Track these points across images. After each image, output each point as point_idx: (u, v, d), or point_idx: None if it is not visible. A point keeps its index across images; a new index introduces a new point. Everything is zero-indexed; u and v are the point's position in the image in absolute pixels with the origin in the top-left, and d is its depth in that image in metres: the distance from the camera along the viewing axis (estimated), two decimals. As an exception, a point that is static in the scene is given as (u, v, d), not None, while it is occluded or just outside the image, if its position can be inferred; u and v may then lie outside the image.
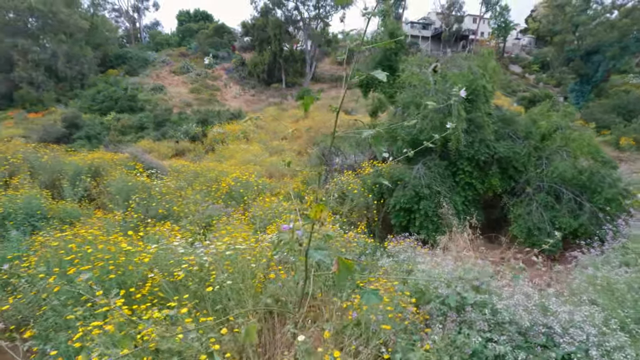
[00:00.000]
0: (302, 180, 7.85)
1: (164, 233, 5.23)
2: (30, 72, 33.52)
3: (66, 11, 35.81)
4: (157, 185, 6.41)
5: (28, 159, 7.91)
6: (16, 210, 5.68)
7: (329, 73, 50.41)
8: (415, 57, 8.63)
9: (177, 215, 6.46)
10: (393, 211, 6.19)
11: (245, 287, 3.20)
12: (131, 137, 23.10)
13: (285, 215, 6.03)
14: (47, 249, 3.68)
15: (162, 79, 44.22)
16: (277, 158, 15.89)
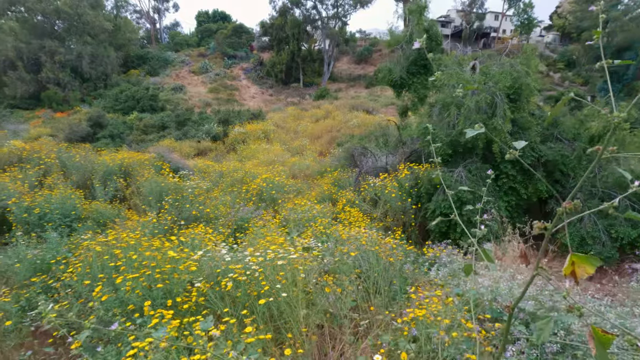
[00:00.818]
0: (333, 181, 7.65)
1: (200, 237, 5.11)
2: (57, 73, 34.48)
3: (91, 13, 36.68)
4: (190, 187, 6.32)
5: (61, 158, 7.97)
6: (52, 211, 5.67)
7: (346, 72, 50.06)
8: (450, 56, 8.29)
9: (207, 216, 6.34)
10: (432, 216, 5.91)
11: (297, 299, 3.01)
12: (153, 136, 23.38)
13: (320, 220, 5.83)
14: (90, 253, 3.58)
15: (181, 78, 44.82)
16: (300, 158, 15.74)
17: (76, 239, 4.62)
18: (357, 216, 6.25)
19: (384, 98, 28.08)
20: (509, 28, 57.91)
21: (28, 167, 6.85)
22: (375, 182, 7.34)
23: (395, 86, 7.77)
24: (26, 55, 33.70)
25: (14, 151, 7.67)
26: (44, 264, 4.29)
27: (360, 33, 62.34)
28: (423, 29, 7.51)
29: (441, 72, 7.12)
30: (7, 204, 5.73)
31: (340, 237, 5.15)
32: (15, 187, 6.07)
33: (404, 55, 7.70)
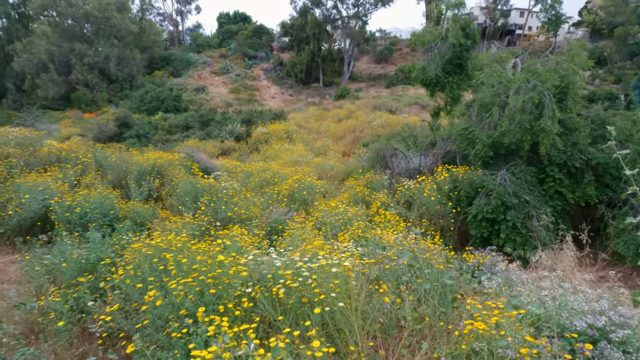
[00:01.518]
0: (365, 183, 7.50)
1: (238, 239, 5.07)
2: (86, 75, 35.65)
3: (118, 16, 37.76)
4: (224, 188, 6.31)
5: (97, 158, 8.13)
6: (92, 210, 5.76)
7: (366, 72, 49.67)
8: (487, 54, 7.99)
9: (240, 217, 6.31)
10: (474, 221, 5.67)
11: (351, 309, 2.88)
12: (178, 136, 23.82)
13: (357, 223, 5.69)
14: (137, 254, 3.56)
15: (203, 79, 45.56)
16: (323, 159, 15.65)
17: (119, 239, 4.64)
18: (392, 219, 6.08)
19: (407, 97, 27.65)
20: (536, 25, 56.03)
21: (68, 166, 7.02)
22: (410, 184, 7.14)
23: (430, 85, 7.53)
24: (57, 57, 34.99)
25: (53, 151, 7.88)
26: (89, 263, 4.33)
27: (380, 32, 61.73)
28: (459, 27, 7.26)
29: (482, 71, 6.85)
30: (50, 203, 5.86)
31: (381, 241, 5.00)
32: (56, 187, 6.22)
33: (439, 53, 7.45)
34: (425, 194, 5.82)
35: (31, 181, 6.13)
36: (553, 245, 5.22)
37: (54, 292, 3.87)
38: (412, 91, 34.90)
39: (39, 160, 7.55)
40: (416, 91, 34.70)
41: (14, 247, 5.63)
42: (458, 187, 6.00)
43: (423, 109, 24.99)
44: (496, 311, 3.21)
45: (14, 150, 7.28)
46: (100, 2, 36.71)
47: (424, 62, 7.69)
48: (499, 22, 53.99)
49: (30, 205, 5.73)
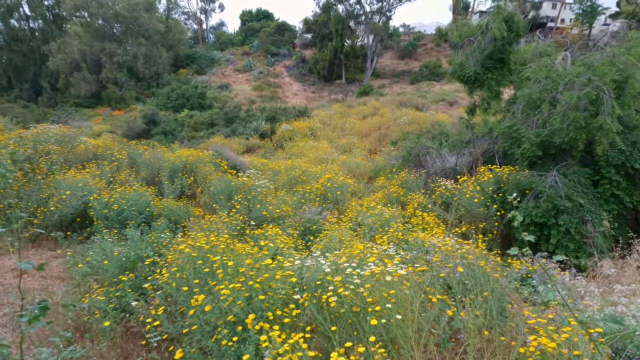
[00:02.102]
0: (400, 183, 7.25)
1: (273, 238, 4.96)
2: (115, 73, 36.78)
3: (146, 16, 38.68)
4: (259, 186, 6.23)
5: (130, 155, 8.25)
6: (129, 207, 5.80)
7: (389, 68, 48.86)
8: (529, 47, 7.52)
9: (272, 216, 6.21)
10: (521, 225, 5.34)
11: (408, 320, 2.69)
12: (203, 133, 24.15)
13: (395, 225, 5.47)
14: (180, 255, 3.50)
15: (227, 77, 46.10)
16: (349, 156, 15.42)
17: (158, 237, 4.62)
18: (431, 222, 5.82)
19: (433, 94, 26.94)
20: (569, 17, 53.42)
21: (104, 163, 7.13)
22: (446, 184, 6.84)
23: (468, 82, 7.16)
24: (89, 57, 36.23)
25: (90, 148, 8.04)
26: (129, 261, 4.32)
27: (403, 27, 60.64)
28: (502, 19, 6.85)
29: (526, 66, 6.45)
30: (88, 199, 5.95)
31: (423, 244, 4.77)
32: (94, 183, 6.31)
33: (479, 48, 7.07)
34: (467, 196, 5.53)
35: (71, 178, 6.25)
36: (611, 253, 4.83)
37: (97, 290, 3.88)
38: (438, 87, 34.04)
39: (77, 156, 7.71)
40: (441, 87, 33.81)
41: (55, 242, 5.75)
42: (502, 189, 5.67)
43: (451, 106, 24.27)
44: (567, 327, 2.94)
45: (54, 147, 7.47)
46: (129, 2, 37.72)
47: (462, 57, 7.32)
48: (530, 14, 51.79)
49: (70, 201, 5.82)
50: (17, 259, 5.07)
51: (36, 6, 39.17)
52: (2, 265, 4.90)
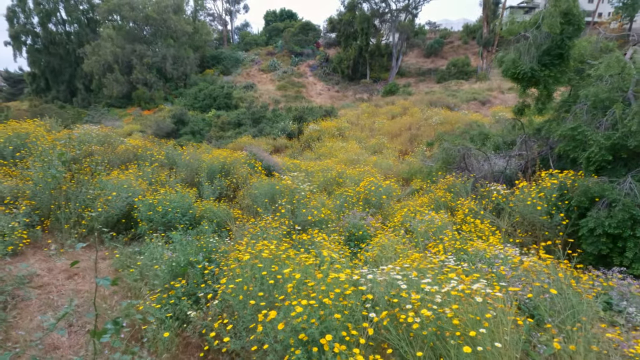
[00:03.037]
0: (447, 187, 6.90)
1: (320, 244, 4.76)
2: (145, 74, 37.77)
3: (174, 18, 39.53)
4: (302, 190, 6.05)
5: (170, 156, 8.27)
6: (173, 209, 5.75)
7: (415, 67, 47.91)
8: (587, 41, 6.98)
9: (315, 221, 6.00)
10: (590, 236, 4.90)
11: (503, 348, 2.40)
12: (230, 133, 24.35)
13: (450, 232, 5.14)
14: (236, 264, 3.33)
15: (251, 77, 46.52)
16: (380, 157, 15.07)
17: (207, 242, 4.51)
18: (485, 229, 5.45)
19: (463, 93, 26.08)
20: (607, 11, 50.67)
21: (146, 164, 7.16)
22: (498, 189, 6.43)
23: (523, 80, 6.69)
24: (121, 58, 37.38)
25: (130, 148, 8.11)
26: (179, 267, 4.22)
27: (429, 25, 59.29)
28: (560, 12, 6.37)
29: (600, 62, 5.95)
30: (133, 200, 5.95)
31: (485, 255, 4.43)
32: (138, 184, 6.31)
33: (534, 43, 6.61)
34: (529, 202, 5.13)
35: (115, 179, 6.27)
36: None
37: (151, 297, 3.78)
38: (467, 86, 32.99)
39: (118, 157, 7.79)
40: (471, 86, 32.75)
41: (102, 243, 5.77)
42: (566, 196, 5.23)
43: (483, 105, 23.40)
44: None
45: (96, 148, 7.57)
46: (158, 5, 38.66)
47: (514, 53, 6.87)
48: (564, 9, 49.45)
49: (115, 202, 5.83)
50: (67, 258, 5.05)
51: (72, 10, 40.78)
52: (54, 267, 4.92)
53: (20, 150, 6.87)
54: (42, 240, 5.53)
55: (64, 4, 40.48)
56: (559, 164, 6.91)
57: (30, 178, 5.92)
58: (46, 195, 5.68)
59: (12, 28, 40.04)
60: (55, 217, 5.76)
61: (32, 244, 5.38)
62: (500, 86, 27.79)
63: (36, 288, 4.45)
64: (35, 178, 5.78)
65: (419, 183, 10.43)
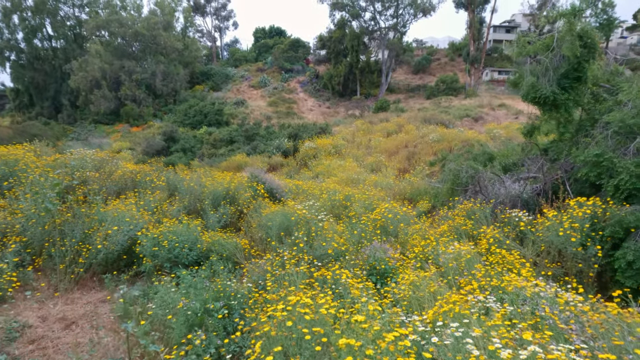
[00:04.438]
0: (466, 213, 6.65)
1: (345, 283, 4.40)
2: (134, 90, 37.17)
3: (164, 34, 39.33)
4: (320, 220, 5.69)
5: (170, 181, 7.81)
6: (181, 244, 5.30)
7: (404, 83, 48.72)
8: (599, 64, 6.99)
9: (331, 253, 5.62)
10: (627, 269, 4.68)
11: None
12: (223, 150, 23.88)
13: (481, 267, 4.84)
14: (268, 323, 2.93)
15: (242, 93, 46.38)
16: (380, 177, 14.85)
17: (224, 285, 4.07)
18: (514, 261, 5.18)
19: (455, 110, 26.40)
20: (585, 30, 52.90)
21: (148, 192, 6.69)
22: (520, 215, 6.21)
23: (545, 104, 6.59)
24: (109, 74, 36.75)
25: (127, 174, 7.63)
26: (195, 315, 3.78)
27: (416, 42, 60.78)
28: (576, 36, 6.34)
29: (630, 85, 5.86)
30: (135, 234, 5.47)
31: (525, 294, 4.13)
32: (140, 216, 5.84)
33: (552, 66, 6.54)
34: (561, 233, 4.91)
35: (115, 209, 5.78)
36: None
37: (165, 357, 3.32)
38: (456, 102, 33.53)
39: (115, 183, 7.30)
40: (461, 102, 33.30)
41: (101, 283, 5.25)
42: (598, 225, 5.03)
43: (476, 122, 23.67)
44: None
45: (92, 174, 7.06)
46: (148, 22, 38.44)
47: (531, 77, 6.78)
48: (545, 28, 51.49)
49: (116, 237, 5.34)
50: (63, 303, 4.53)
51: (59, 26, 40.15)
52: (48, 315, 4.39)
53: (8, 179, 6.33)
54: (33, 282, 4.99)
55: (51, 20, 39.85)
56: (575, 188, 6.77)
57: (21, 211, 5.40)
58: (39, 231, 5.16)
59: (-5, 43, 39.09)
60: (49, 255, 5.23)
61: (22, 286, 4.83)
62: (490, 103, 28.32)
63: (29, 343, 3.91)
64: (26, 212, 5.26)
65: (426, 205, 10.19)
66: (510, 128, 20.25)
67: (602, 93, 6.77)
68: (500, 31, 56.81)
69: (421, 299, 4.34)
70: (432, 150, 17.13)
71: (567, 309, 3.76)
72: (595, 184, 5.90)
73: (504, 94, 37.46)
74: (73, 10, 41.99)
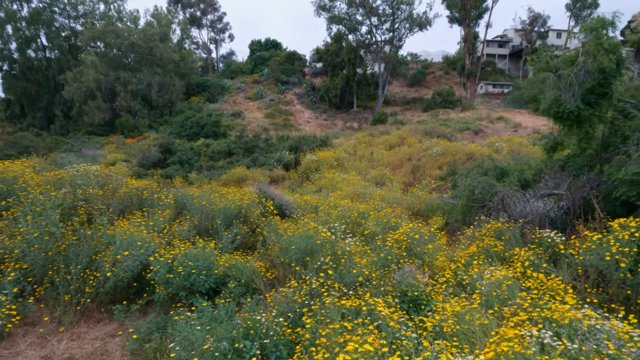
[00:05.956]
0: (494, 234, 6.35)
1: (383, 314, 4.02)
2: (129, 101, 36.68)
3: (161, 46, 39.12)
4: (348, 244, 5.32)
5: (178, 199, 7.38)
6: (197, 270, 4.87)
7: (399, 95, 49.11)
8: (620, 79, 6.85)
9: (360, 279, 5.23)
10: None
11: None
12: (222, 162, 23.45)
13: (526, 295, 4.50)
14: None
15: (238, 104, 46.18)
16: (387, 191, 14.57)
17: (254, 321, 3.65)
18: (555, 287, 4.85)
19: (455, 122, 26.46)
20: (575, 45, 54.33)
21: (158, 211, 6.25)
22: (552, 236, 5.92)
23: (568, 119, 6.40)
24: (104, 85, 36.25)
25: (133, 191, 7.18)
26: (225, 357, 3.36)
27: (410, 55, 61.62)
28: (605, 51, 6.19)
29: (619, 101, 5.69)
30: (147, 259, 5.02)
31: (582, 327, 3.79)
32: (151, 238, 5.40)
33: (577, 80, 6.37)
34: (609, 257, 4.62)
35: (123, 231, 5.34)
36: None
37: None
38: (454, 115, 33.72)
39: (120, 201, 6.84)
40: (458, 115, 33.50)
41: (109, 314, 4.78)
42: (641, 248, 4.76)
43: (476, 135, 23.70)
44: None
45: (95, 192, 6.61)
46: (145, 33, 38.24)
47: (554, 92, 6.60)
48: (536, 43, 52.61)
49: (126, 262, 4.89)
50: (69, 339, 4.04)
51: (54, 37, 39.70)
52: (52, 354, 3.91)
53: (6, 198, 5.85)
54: (34, 315, 4.50)
55: (46, 31, 39.40)
56: (605, 207, 6.53)
57: (21, 235, 4.93)
58: (41, 257, 4.69)
59: (-13, 53, 38.42)
60: (51, 283, 4.76)
61: (22, 320, 4.34)
62: (489, 116, 28.49)
63: (32, 391, 3.44)
64: (27, 235, 4.80)
65: (439, 221, 9.88)
66: (512, 141, 20.24)
67: (630, 109, 6.60)
68: (493, 45, 57.90)
69: (468, 332, 3.98)
70: (436, 163, 16.95)
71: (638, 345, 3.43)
72: (629, 202, 5.67)
73: (500, 107, 37.89)
74: (68, 21, 41.65)
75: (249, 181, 18.83)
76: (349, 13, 43.64)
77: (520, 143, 19.65)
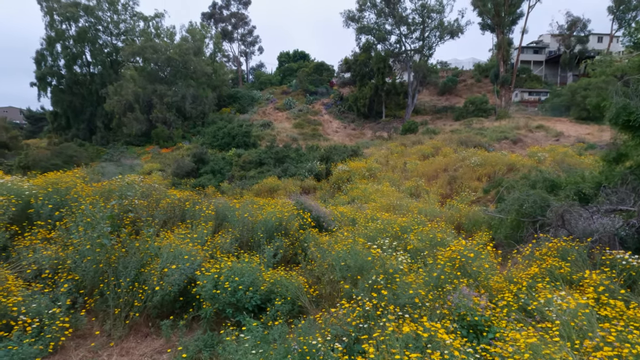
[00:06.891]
0: (557, 253, 5.83)
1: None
2: (165, 113, 38.16)
3: (195, 59, 40.62)
4: (400, 262, 5.03)
5: (219, 210, 7.35)
6: (245, 286, 4.72)
7: (429, 104, 48.19)
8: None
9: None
10: None
11: None
12: (253, 172, 23.67)
13: (610, 326, 4.00)
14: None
15: (267, 115, 46.94)
16: (423, 203, 14.04)
17: (312, 348, 3.42)
18: (638, 317, 4.29)
19: (491, 131, 25.43)
20: (618, 50, 51.25)
21: (202, 224, 6.21)
22: (627, 257, 5.33)
23: (628, 127, 5.85)
24: (142, 98, 37.99)
25: (175, 202, 7.21)
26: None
27: (440, 64, 60.54)
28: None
29: None
30: (194, 273, 4.94)
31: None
32: (196, 251, 5.32)
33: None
34: None
35: (170, 244, 5.29)
36: None
37: None
38: (488, 124, 32.48)
39: (163, 212, 6.87)
40: (492, 124, 32.25)
41: (156, 329, 4.71)
42: None
43: (515, 144, 22.63)
44: None
45: (140, 202, 6.67)
46: (180, 48, 39.88)
47: (620, 99, 6.06)
48: (576, 48, 50.23)
49: (173, 276, 4.82)
50: (118, 354, 3.96)
51: (97, 54, 42.22)
52: (104, 370, 3.85)
53: (59, 208, 6.01)
54: (85, 328, 4.49)
55: (90, 48, 41.99)
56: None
57: (74, 246, 4.99)
58: (92, 269, 4.71)
59: (39, 70, 41.37)
60: (100, 295, 4.76)
61: (74, 333, 4.34)
62: (527, 124, 27.21)
63: (86, 410, 3.36)
64: (80, 247, 4.84)
65: (485, 237, 9.31)
66: (555, 151, 19.12)
67: None
68: (528, 52, 55.88)
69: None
70: (475, 174, 16.24)
71: None
72: None
73: (538, 115, 36.19)
74: (111, 39, 44.24)
75: (281, 191, 18.81)
76: (378, 23, 43.58)
77: (564, 153, 18.51)
